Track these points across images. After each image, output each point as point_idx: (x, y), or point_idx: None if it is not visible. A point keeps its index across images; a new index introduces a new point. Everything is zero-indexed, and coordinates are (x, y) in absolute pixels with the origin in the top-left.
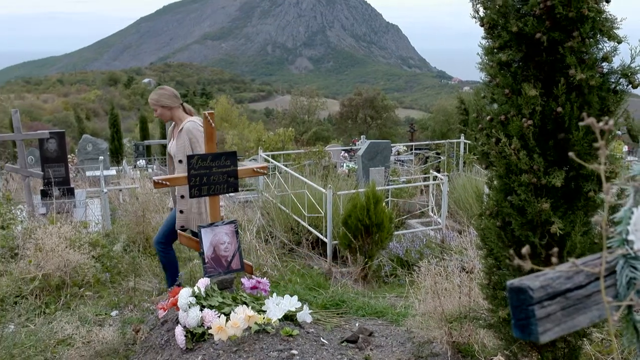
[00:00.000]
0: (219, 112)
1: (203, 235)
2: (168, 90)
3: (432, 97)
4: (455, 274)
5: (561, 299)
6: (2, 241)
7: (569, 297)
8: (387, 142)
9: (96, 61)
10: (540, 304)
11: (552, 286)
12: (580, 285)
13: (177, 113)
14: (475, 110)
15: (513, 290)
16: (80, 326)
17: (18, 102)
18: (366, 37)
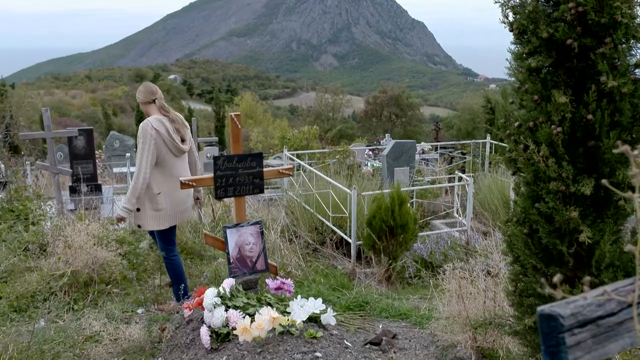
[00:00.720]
0: (244, 108)
1: (229, 236)
2: (145, 87)
3: (458, 94)
4: (480, 278)
5: (592, 327)
6: (32, 237)
7: (600, 324)
8: (412, 142)
9: (123, 58)
10: (571, 331)
11: (582, 314)
12: (611, 313)
13: (147, 109)
14: (503, 116)
15: (544, 317)
16: (108, 323)
17: (48, 98)
18: (391, 33)
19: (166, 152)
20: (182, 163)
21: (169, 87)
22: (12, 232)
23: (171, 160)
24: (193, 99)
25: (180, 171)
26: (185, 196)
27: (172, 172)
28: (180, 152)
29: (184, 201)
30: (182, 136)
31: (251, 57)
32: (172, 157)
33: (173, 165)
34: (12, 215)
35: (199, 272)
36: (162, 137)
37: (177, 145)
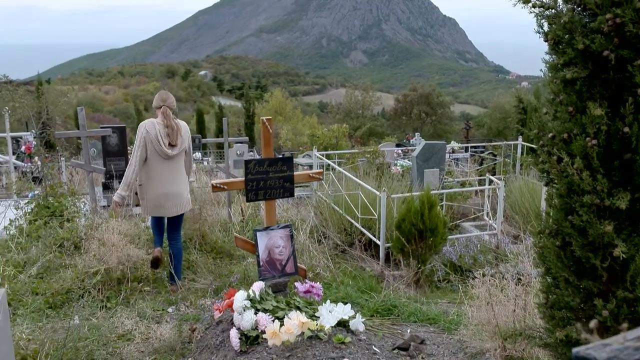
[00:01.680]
0: (274, 105)
1: (259, 239)
2: (159, 94)
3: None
4: (510, 285)
5: None
6: (67, 234)
7: None
8: (442, 143)
9: (155, 54)
10: None
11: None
12: None
13: (156, 112)
14: (536, 126)
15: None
16: (139, 322)
17: (82, 93)
18: (422, 30)
19: (152, 152)
20: (168, 165)
21: (200, 83)
22: (48, 228)
23: (156, 160)
24: (223, 95)
25: (163, 172)
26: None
27: (155, 170)
28: (164, 154)
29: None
30: (171, 142)
31: (281, 53)
32: (157, 157)
33: (157, 165)
34: (48, 212)
35: (229, 272)
36: (150, 137)
37: (163, 148)
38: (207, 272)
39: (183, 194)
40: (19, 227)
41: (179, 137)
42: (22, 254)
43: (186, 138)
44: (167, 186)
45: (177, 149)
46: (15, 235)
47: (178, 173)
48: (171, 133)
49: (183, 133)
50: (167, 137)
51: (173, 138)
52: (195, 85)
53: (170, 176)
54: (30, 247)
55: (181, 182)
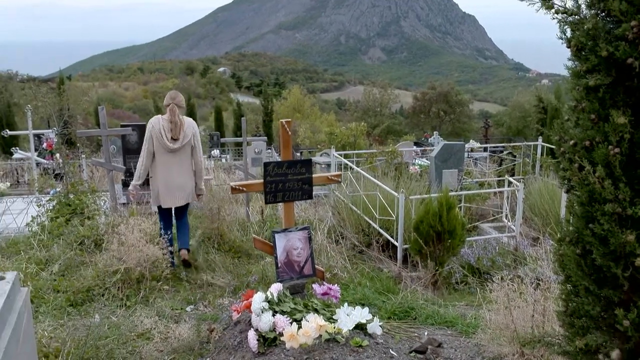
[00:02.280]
0: (292, 102)
1: (277, 240)
2: (169, 93)
3: (508, 90)
4: (529, 290)
5: None
6: (88, 231)
7: None
8: (461, 144)
9: (174, 50)
10: None
11: None
12: None
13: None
14: (557, 133)
15: None
16: (158, 321)
17: (102, 90)
18: (441, 27)
19: (157, 145)
20: (172, 158)
21: (218, 80)
22: (69, 226)
23: (161, 153)
24: (241, 91)
25: (167, 165)
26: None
27: (160, 163)
28: (167, 147)
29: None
30: (173, 136)
31: (299, 50)
32: (161, 150)
33: (162, 157)
34: (69, 210)
35: (247, 271)
36: (154, 132)
37: (165, 141)
38: (226, 272)
39: (186, 186)
40: (41, 224)
41: (182, 132)
42: (44, 252)
43: (190, 133)
44: (170, 178)
45: (179, 143)
46: (37, 232)
47: (182, 166)
48: (174, 128)
49: (186, 128)
50: (170, 131)
51: (175, 132)
52: (213, 82)
53: (174, 168)
54: (52, 244)
55: (185, 174)
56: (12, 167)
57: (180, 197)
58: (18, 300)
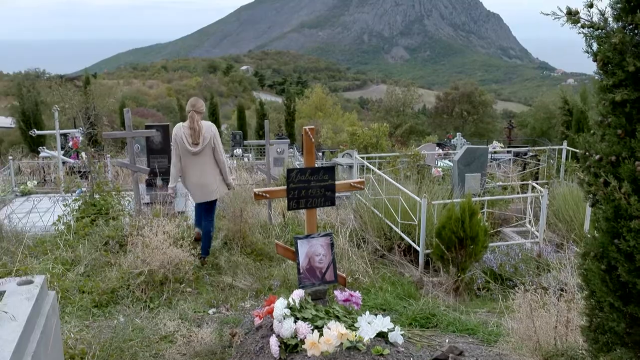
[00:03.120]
0: (314, 101)
1: (299, 247)
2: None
3: (533, 89)
4: (552, 300)
5: None
6: (112, 232)
7: None
8: (484, 148)
9: (198, 48)
10: None
11: None
12: None
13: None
14: (582, 147)
15: None
16: (181, 324)
17: (126, 87)
18: (465, 26)
19: (181, 149)
20: (195, 160)
21: (241, 78)
22: (94, 226)
23: (185, 156)
24: (264, 90)
25: (191, 166)
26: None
27: (186, 165)
28: (188, 151)
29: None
30: (193, 141)
31: (322, 48)
32: (186, 154)
33: (186, 160)
34: (94, 210)
35: (268, 274)
36: (177, 138)
37: (185, 146)
38: (247, 274)
39: (210, 184)
40: (67, 224)
41: (201, 136)
42: (70, 252)
43: (208, 136)
44: (196, 177)
45: (199, 147)
46: (63, 232)
47: (205, 166)
48: (193, 134)
49: (204, 132)
50: (190, 137)
51: (195, 138)
52: (236, 81)
53: (197, 168)
54: (78, 245)
55: (208, 174)
56: (39, 165)
57: (207, 193)
58: (46, 303)
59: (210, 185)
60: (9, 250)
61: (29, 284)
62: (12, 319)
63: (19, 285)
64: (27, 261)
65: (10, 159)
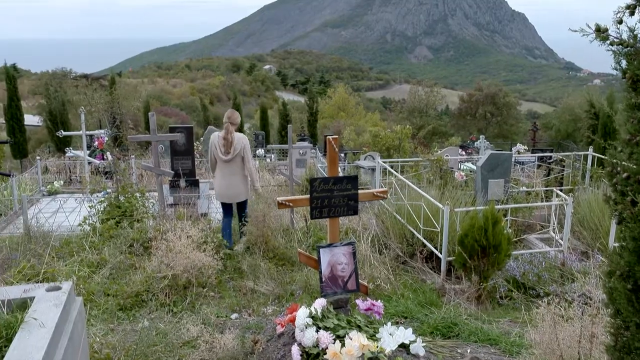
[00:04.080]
0: (336, 101)
1: (322, 255)
2: (226, 113)
3: (558, 90)
4: (576, 312)
5: None
6: (137, 234)
7: None
8: (508, 154)
9: (221, 47)
10: None
11: None
12: None
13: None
14: (610, 163)
15: None
16: (204, 329)
17: (150, 86)
18: (489, 25)
19: (215, 155)
20: (227, 166)
21: (264, 78)
22: (119, 228)
23: (218, 162)
24: (287, 89)
25: (222, 170)
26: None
27: (219, 169)
28: (220, 159)
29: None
30: (226, 150)
31: (345, 48)
32: (219, 160)
33: (219, 165)
34: (119, 212)
35: (290, 279)
36: (212, 146)
37: (218, 153)
38: (270, 279)
39: (236, 188)
40: (92, 225)
41: (232, 147)
42: (95, 254)
43: (239, 147)
44: (225, 181)
45: (230, 155)
46: (88, 233)
47: (234, 172)
48: (225, 144)
49: (236, 143)
50: (223, 146)
51: (227, 148)
52: (259, 80)
53: (227, 173)
54: (103, 247)
55: (236, 179)
56: (66, 165)
57: (232, 195)
58: (73, 309)
59: (236, 189)
60: (37, 252)
61: (57, 290)
62: (42, 326)
63: (47, 291)
64: (54, 263)
65: (37, 159)
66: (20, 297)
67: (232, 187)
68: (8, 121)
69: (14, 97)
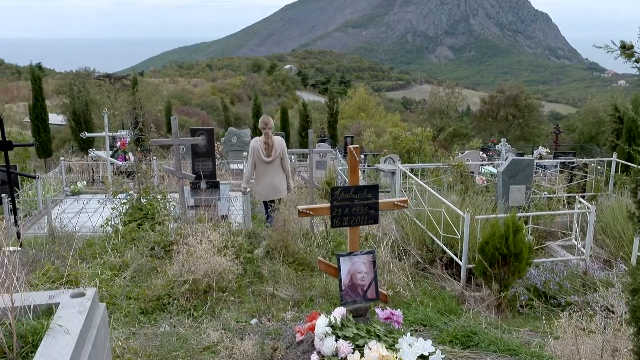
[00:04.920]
0: (357, 102)
1: (342, 264)
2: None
3: (582, 91)
4: (598, 326)
5: None
6: (158, 238)
7: None
8: (530, 160)
9: (242, 47)
10: None
11: None
12: None
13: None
14: (633, 181)
15: None
16: (224, 334)
17: (172, 86)
18: (512, 26)
19: (258, 159)
20: (269, 167)
21: (285, 78)
22: (141, 231)
23: (260, 164)
24: (307, 89)
25: (265, 172)
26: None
27: (260, 171)
28: (262, 161)
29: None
30: (268, 153)
31: (366, 48)
32: (260, 162)
33: (261, 167)
34: (141, 214)
35: (310, 285)
36: (255, 150)
37: (261, 157)
38: (289, 284)
39: (278, 186)
40: (114, 227)
41: (273, 150)
42: (118, 257)
43: (279, 149)
44: (267, 181)
45: (271, 158)
46: (111, 235)
47: (275, 172)
48: (267, 148)
49: (276, 147)
50: (265, 150)
51: (268, 151)
52: (280, 80)
53: (269, 174)
54: (125, 250)
55: (277, 178)
56: (89, 166)
57: (275, 193)
58: (97, 316)
59: (278, 187)
60: (61, 255)
61: (81, 297)
62: (67, 333)
63: (72, 298)
64: (78, 266)
65: (62, 160)
66: (46, 303)
67: (275, 187)
68: (33, 121)
69: (39, 97)
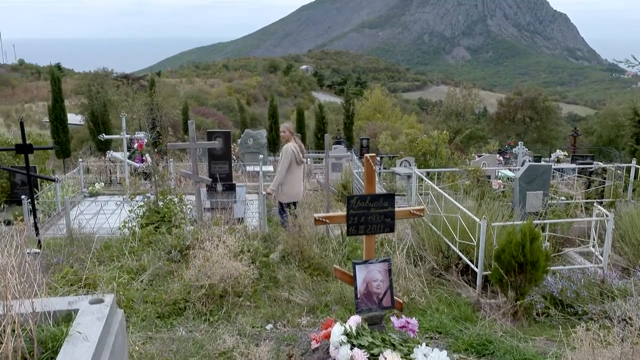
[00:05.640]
0: (373, 102)
1: (357, 272)
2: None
3: (600, 92)
4: (616, 339)
5: None
6: (175, 241)
7: None
8: (547, 166)
9: (258, 48)
10: None
11: None
12: None
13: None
14: None
15: None
16: (240, 340)
17: (189, 86)
18: (530, 26)
19: (293, 162)
20: (299, 169)
21: (300, 78)
22: (158, 234)
23: (294, 167)
24: (323, 90)
25: (296, 173)
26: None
27: (292, 173)
28: (300, 162)
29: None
30: (302, 156)
31: (382, 48)
32: (295, 165)
33: (294, 169)
34: (158, 217)
35: (325, 290)
36: (294, 154)
37: (300, 158)
38: (304, 289)
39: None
40: (132, 229)
41: (304, 153)
42: (135, 261)
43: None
44: (297, 182)
45: (304, 158)
46: (128, 238)
47: (301, 174)
48: (301, 151)
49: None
50: (300, 153)
51: (302, 154)
52: (296, 80)
53: (299, 176)
54: (142, 253)
55: (302, 180)
56: (107, 167)
57: (299, 195)
58: (115, 322)
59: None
60: (79, 257)
61: (100, 303)
62: (85, 339)
63: (90, 304)
64: (96, 269)
65: (80, 161)
66: (66, 309)
67: (302, 188)
68: (52, 122)
69: (58, 98)
